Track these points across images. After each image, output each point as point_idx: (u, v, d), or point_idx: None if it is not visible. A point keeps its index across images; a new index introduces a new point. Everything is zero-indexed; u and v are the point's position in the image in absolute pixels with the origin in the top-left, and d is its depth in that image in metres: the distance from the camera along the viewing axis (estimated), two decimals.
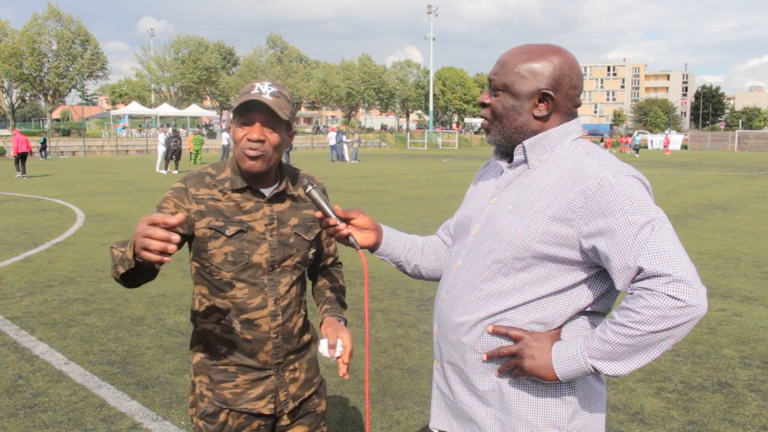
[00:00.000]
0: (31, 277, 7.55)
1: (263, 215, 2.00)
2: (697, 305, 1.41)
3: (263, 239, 1.99)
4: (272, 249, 1.99)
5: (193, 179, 2.00)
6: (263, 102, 1.86)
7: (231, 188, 1.99)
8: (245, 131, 1.90)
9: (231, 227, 1.96)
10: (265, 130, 1.90)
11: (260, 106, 1.87)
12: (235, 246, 1.96)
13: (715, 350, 5.23)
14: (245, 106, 1.88)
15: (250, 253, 1.97)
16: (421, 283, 7.16)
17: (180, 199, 1.97)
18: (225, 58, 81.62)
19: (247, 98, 1.86)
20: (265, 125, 1.90)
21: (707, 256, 9.17)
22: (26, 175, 23.04)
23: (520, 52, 1.69)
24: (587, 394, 1.65)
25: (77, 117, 73.26)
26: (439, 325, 1.79)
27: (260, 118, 1.89)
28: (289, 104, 1.94)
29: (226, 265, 1.97)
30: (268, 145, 1.91)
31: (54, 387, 4.38)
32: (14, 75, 57.05)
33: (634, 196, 1.51)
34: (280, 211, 2.03)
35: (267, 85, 1.91)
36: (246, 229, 1.97)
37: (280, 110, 1.88)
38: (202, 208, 1.96)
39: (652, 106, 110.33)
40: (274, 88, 1.91)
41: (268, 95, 1.88)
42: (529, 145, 1.68)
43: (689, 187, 21.06)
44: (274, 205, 2.02)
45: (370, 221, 1.88)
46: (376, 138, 66.11)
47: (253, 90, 1.89)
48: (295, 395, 2.10)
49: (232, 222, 1.96)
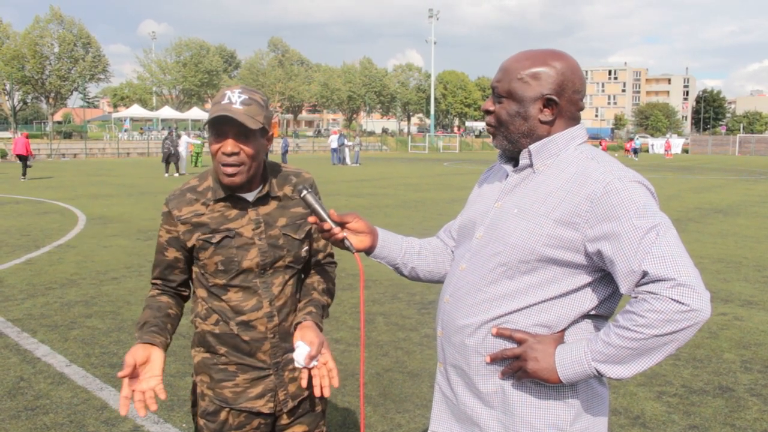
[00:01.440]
0: (32, 279, 7.55)
1: (249, 220, 2.01)
2: (701, 309, 1.42)
3: (252, 244, 2.00)
4: (262, 252, 2.01)
5: (175, 200, 2.04)
6: (232, 117, 1.84)
7: (213, 198, 2.01)
8: (219, 145, 1.91)
9: (217, 235, 1.99)
10: (239, 143, 1.89)
11: (230, 121, 1.86)
12: (224, 254, 1.99)
13: (716, 354, 5.23)
14: (215, 121, 1.87)
15: (240, 259, 1.99)
16: (423, 286, 7.16)
17: (169, 224, 2.04)
18: (226, 61, 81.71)
19: (217, 113, 1.85)
20: (238, 138, 1.89)
21: (708, 260, 9.17)
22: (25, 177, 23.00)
23: (523, 58, 1.69)
24: (590, 397, 1.65)
25: (79, 120, 73.28)
26: (442, 327, 1.79)
27: (232, 132, 1.89)
28: (262, 109, 1.92)
29: (218, 273, 2.01)
30: (244, 156, 1.90)
31: (55, 389, 4.38)
32: (16, 77, 57.17)
33: (639, 201, 1.52)
34: (267, 214, 2.04)
35: (237, 93, 1.90)
36: (233, 235, 1.99)
37: (251, 119, 1.87)
38: (189, 227, 2.01)
39: (654, 110, 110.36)
40: (244, 95, 1.90)
41: (238, 104, 1.87)
42: (535, 149, 1.69)
43: (690, 191, 21.06)
44: (259, 208, 2.03)
45: (366, 224, 1.88)
46: (378, 141, 66.15)
47: (224, 100, 1.88)
48: (295, 394, 2.11)
49: (218, 231, 1.99)
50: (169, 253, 2.06)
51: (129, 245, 9.80)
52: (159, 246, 2.09)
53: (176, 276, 2.11)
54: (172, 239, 2.04)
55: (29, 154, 23.78)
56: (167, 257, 2.07)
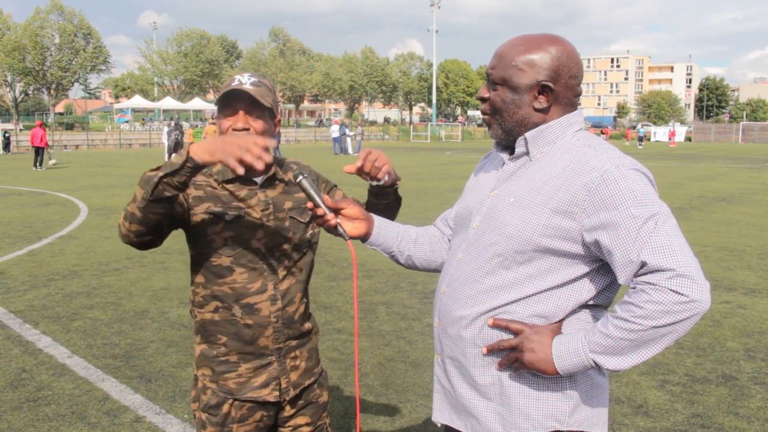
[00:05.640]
0: (34, 270, 7.56)
1: (258, 201, 2.03)
2: (701, 300, 1.40)
3: (260, 224, 2.01)
4: (270, 233, 2.02)
5: None
6: (244, 90, 1.90)
7: (222, 179, 2.02)
8: (230, 121, 1.95)
9: (230, 212, 1.99)
10: (249, 118, 1.94)
11: (242, 94, 1.92)
12: (234, 231, 1.99)
13: (719, 343, 5.21)
14: (227, 96, 1.93)
15: (249, 237, 2.00)
16: (424, 275, 7.15)
17: None
18: (228, 51, 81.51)
19: (229, 89, 1.91)
20: (249, 113, 1.94)
21: (711, 248, 9.14)
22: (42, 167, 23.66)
23: (517, 44, 1.66)
24: (589, 388, 1.64)
25: (80, 111, 73.25)
26: (439, 318, 1.78)
27: (243, 107, 1.94)
28: (271, 92, 1.99)
29: (226, 249, 1.99)
30: (254, 132, 1.93)
31: (57, 380, 4.39)
32: (17, 69, 57.10)
33: (637, 189, 1.50)
34: (274, 197, 2.06)
35: (247, 76, 1.99)
36: (244, 214, 2.00)
37: (262, 98, 1.93)
38: (201, 193, 2.00)
39: (656, 98, 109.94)
40: (254, 78, 1.97)
41: (248, 85, 1.93)
42: (531, 137, 1.66)
43: (693, 179, 20.99)
44: (267, 191, 2.06)
45: (361, 211, 1.86)
46: (379, 131, 66.00)
47: (234, 82, 1.96)
48: (296, 383, 2.11)
49: (230, 207, 1.99)
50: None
51: None
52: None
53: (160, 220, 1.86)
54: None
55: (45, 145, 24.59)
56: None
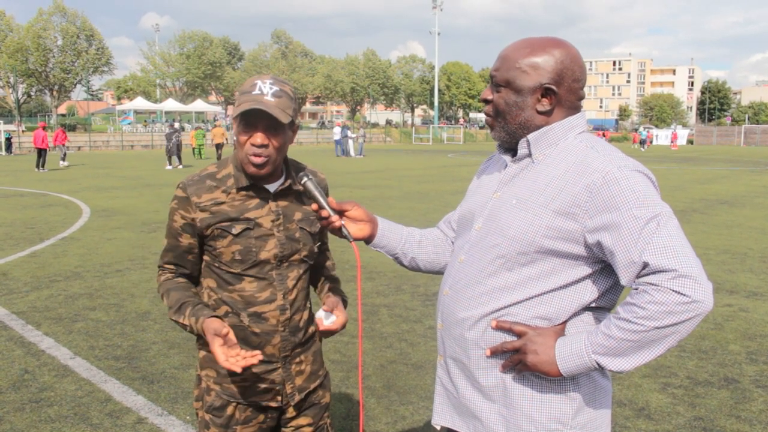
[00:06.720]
0: (36, 272, 7.57)
1: (269, 211, 2.00)
2: (703, 301, 1.40)
3: (271, 235, 1.99)
4: (280, 244, 2.00)
5: (194, 186, 1.99)
6: (264, 110, 1.83)
7: (236, 186, 1.99)
8: (248, 136, 1.90)
9: (237, 226, 1.96)
10: (268, 136, 1.89)
11: (261, 114, 1.86)
12: (242, 244, 1.97)
13: (721, 346, 5.21)
14: (247, 113, 1.87)
15: (258, 249, 1.98)
16: (427, 277, 7.16)
17: (185, 209, 1.99)
18: (230, 53, 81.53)
19: (249, 105, 1.84)
20: (268, 131, 1.89)
21: (713, 251, 9.13)
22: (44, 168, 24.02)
23: (521, 46, 1.67)
24: (592, 390, 1.64)
25: (83, 112, 73.43)
26: (442, 320, 1.78)
27: (262, 125, 1.88)
28: (292, 101, 1.92)
29: (234, 263, 1.98)
30: (272, 149, 1.91)
31: (60, 382, 4.40)
32: (20, 70, 57.25)
33: (639, 190, 1.50)
34: (285, 207, 2.04)
35: (269, 84, 1.88)
36: (253, 226, 1.98)
37: (282, 112, 1.86)
38: (207, 215, 1.97)
39: (658, 101, 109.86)
40: (275, 87, 1.88)
41: (270, 96, 1.85)
42: (534, 139, 1.67)
43: (695, 182, 20.97)
44: (279, 201, 2.02)
45: (365, 213, 1.87)
46: (381, 133, 66.01)
47: (255, 90, 1.86)
48: (301, 387, 2.11)
49: (238, 221, 1.97)
50: (183, 239, 2.02)
51: (133, 238, 9.81)
52: (172, 231, 2.03)
53: (190, 262, 2.07)
54: (187, 225, 1.99)
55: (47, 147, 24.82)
56: (181, 243, 2.03)
